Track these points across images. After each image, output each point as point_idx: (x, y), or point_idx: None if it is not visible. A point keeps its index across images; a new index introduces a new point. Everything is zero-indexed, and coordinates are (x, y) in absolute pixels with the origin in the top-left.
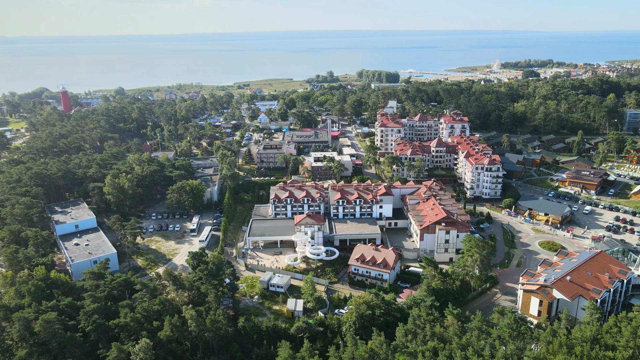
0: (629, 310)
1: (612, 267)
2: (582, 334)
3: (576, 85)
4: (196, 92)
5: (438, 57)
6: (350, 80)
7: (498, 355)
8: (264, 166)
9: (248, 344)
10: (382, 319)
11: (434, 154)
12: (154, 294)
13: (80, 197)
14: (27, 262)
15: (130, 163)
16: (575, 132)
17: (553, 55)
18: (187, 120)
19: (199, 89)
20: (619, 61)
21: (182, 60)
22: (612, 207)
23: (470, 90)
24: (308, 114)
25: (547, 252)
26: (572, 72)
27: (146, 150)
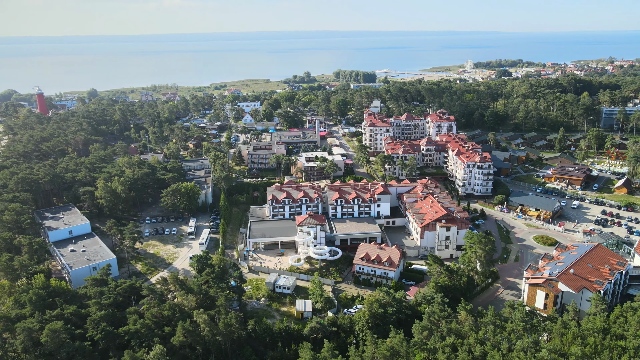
0: (628, 300)
1: (610, 259)
2: (593, 324)
3: (551, 84)
4: (173, 94)
5: (410, 58)
6: (327, 81)
7: (516, 349)
8: (255, 167)
9: (260, 347)
10: (394, 317)
11: (424, 153)
12: (162, 299)
13: (71, 202)
14: (23, 271)
15: (120, 166)
16: (554, 129)
17: (522, 56)
18: (171, 121)
19: (176, 90)
20: (585, 61)
21: (154, 61)
22: (598, 201)
23: (451, 89)
24: (294, 115)
25: (543, 247)
26: (542, 71)
27: (132, 152)
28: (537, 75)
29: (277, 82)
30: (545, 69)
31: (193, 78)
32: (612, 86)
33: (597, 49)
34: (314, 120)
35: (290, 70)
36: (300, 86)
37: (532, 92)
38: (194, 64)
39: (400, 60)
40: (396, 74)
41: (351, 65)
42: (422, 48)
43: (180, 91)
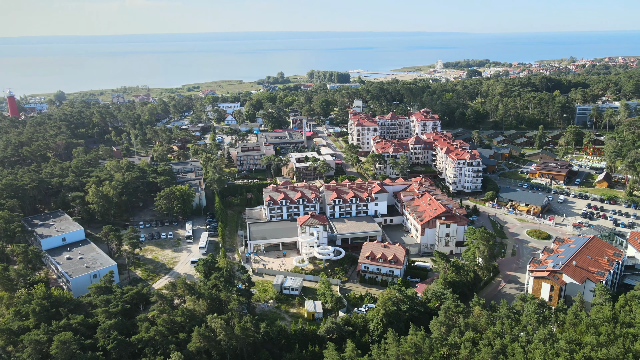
0: (624, 289)
1: (607, 250)
2: (603, 314)
3: (524, 82)
4: (146, 95)
5: (379, 58)
6: (301, 81)
7: (535, 341)
8: (245, 169)
9: (275, 349)
10: (407, 314)
11: (412, 151)
12: (173, 305)
13: (59, 208)
14: (21, 280)
15: (108, 170)
16: (531, 126)
17: (489, 56)
18: (151, 124)
19: (147, 92)
20: (548, 60)
21: (120, 62)
22: (582, 195)
23: (429, 89)
24: (278, 115)
25: (537, 240)
26: (509, 70)
27: (116, 156)
28: (506, 75)
29: (250, 83)
30: (512, 68)
31: (164, 79)
32: (580, 85)
33: (558, 50)
34: (298, 120)
35: (262, 71)
36: (276, 87)
37: (507, 91)
38: (162, 65)
39: (370, 61)
40: (369, 74)
41: (322, 65)
42: (390, 48)
43: (152, 93)
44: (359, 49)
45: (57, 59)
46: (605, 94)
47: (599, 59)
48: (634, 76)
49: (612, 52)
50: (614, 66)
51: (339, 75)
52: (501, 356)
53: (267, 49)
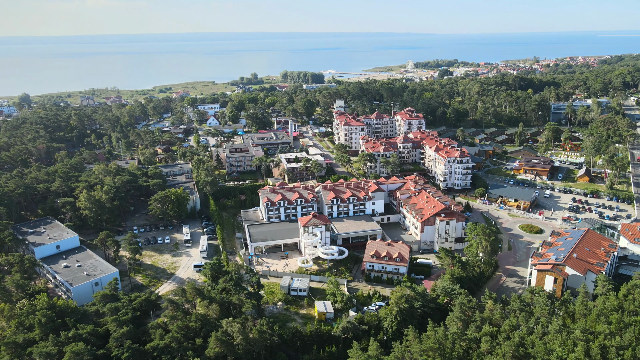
0: (621, 279)
1: (602, 242)
2: (610, 303)
3: (499, 82)
4: (117, 97)
5: (349, 58)
6: (275, 82)
7: (551, 332)
8: (234, 170)
9: (290, 351)
10: (419, 311)
11: (400, 150)
12: (185, 311)
13: (48, 214)
14: (20, 291)
15: (96, 174)
16: (510, 124)
17: (455, 56)
18: (132, 126)
19: (117, 93)
20: (513, 60)
21: (84, 63)
22: (566, 190)
23: (407, 88)
24: (262, 116)
25: (530, 235)
26: (479, 70)
27: (101, 159)
28: (475, 74)
29: (224, 84)
30: (480, 68)
31: (133, 81)
32: (550, 83)
33: (521, 50)
34: (282, 121)
35: (234, 71)
36: (250, 88)
37: (484, 90)
38: (129, 67)
39: (341, 61)
40: (341, 74)
41: (293, 66)
42: (359, 49)
43: (123, 95)
44: (328, 49)
45: (15, 61)
46: (575, 92)
47: (560, 59)
48: (600, 75)
49: (572, 52)
50: (576, 65)
51: (313, 76)
52: (521, 348)
53: (235, 49)
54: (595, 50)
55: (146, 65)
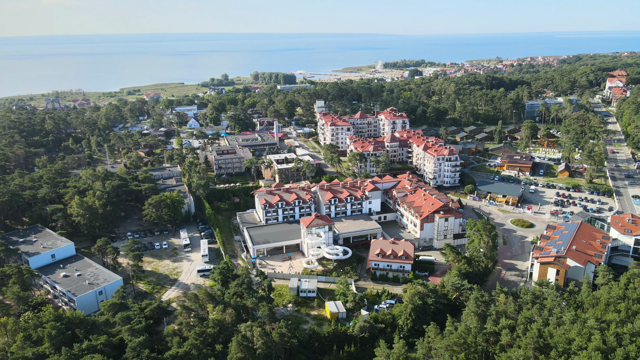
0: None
1: (596, 234)
2: (615, 292)
3: (472, 81)
4: (85, 100)
5: (317, 59)
6: (246, 83)
7: (566, 322)
8: (224, 172)
9: (307, 353)
10: (432, 308)
11: (388, 149)
12: (201, 317)
13: (36, 222)
14: (21, 303)
15: (84, 179)
16: (487, 122)
17: (420, 56)
18: (109, 129)
19: (82, 96)
20: (477, 60)
21: (42, 65)
22: (549, 185)
23: (384, 88)
24: (245, 117)
25: (522, 229)
26: (446, 70)
27: (83, 164)
28: (444, 74)
29: (194, 86)
30: (447, 68)
31: (98, 83)
32: (520, 82)
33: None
34: (265, 122)
35: (201, 73)
36: (223, 89)
37: (459, 90)
38: (91, 68)
39: (308, 62)
40: (312, 75)
41: (261, 67)
42: (325, 50)
43: (89, 97)
44: (294, 50)
45: None
46: (545, 90)
47: (522, 59)
48: (565, 74)
49: (531, 52)
50: (538, 65)
51: (285, 77)
52: (540, 340)
53: (199, 51)
54: (553, 51)
55: (108, 67)
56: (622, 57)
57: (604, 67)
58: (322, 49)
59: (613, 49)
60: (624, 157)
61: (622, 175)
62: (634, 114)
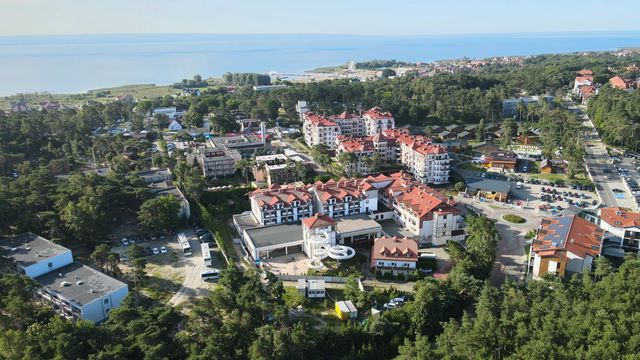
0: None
1: (589, 227)
2: (618, 283)
3: (449, 81)
4: (54, 103)
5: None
6: (219, 84)
7: (577, 312)
8: (214, 174)
9: (323, 353)
10: (443, 304)
11: (377, 148)
12: (217, 322)
13: (26, 230)
14: (26, 315)
15: (74, 184)
16: (467, 120)
17: (390, 56)
18: (88, 132)
19: (49, 98)
20: (446, 60)
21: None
22: (534, 181)
23: (364, 88)
24: (229, 119)
25: (515, 224)
26: (418, 70)
27: (66, 169)
28: (416, 74)
29: (166, 87)
30: (418, 68)
31: (63, 85)
32: (494, 82)
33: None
34: (249, 123)
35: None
36: (197, 91)
37: (437, 89)
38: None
39: (278, 62)
40: (285, 76)
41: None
42: (293, 50)
43: (57, 99)
44: (263, 51)
45: None
46: (518, 89)
47: (488, 59)
48: (535, 74)
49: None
50: (505, 64)
51: (259, 77)
52: (556, 331)
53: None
54: (517, 51)
55: (73, 68)
56: (584, 56)
57: (570, 67)
58: (292, 49)
59: (572, 49)
60: (599, 152)
61: (601, 170)
62: (607, 111)
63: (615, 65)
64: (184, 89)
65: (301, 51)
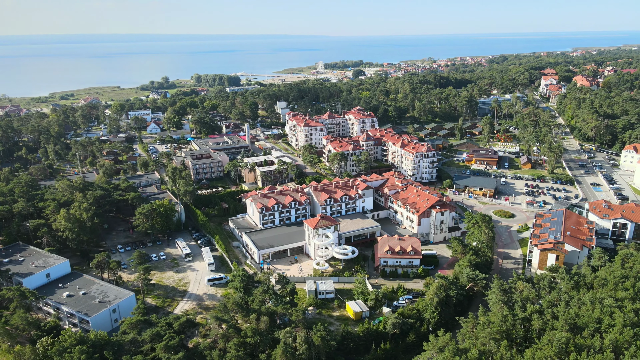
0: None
1: (580, 220)
2: (619, 272)
3: (422, 80)
4: (15, 106)
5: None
6: (188, 86)
7: (587, 302)
8: (202, 177)
9: (341, 354)
10: (454, 299)
11: (364, 148)
12: (236, 327)
13: (15, 240)
14: (33, 328)
15: (61, 191)
16: (444, 119)
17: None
18: (63, 136)
19: (8, 102)
20: (412, 61)
21: None
22: (517, 177)
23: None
24: (211, 121)
25: (505, 219)
26: (387, 70)
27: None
28: (385, 74)
29: (133, 89)
30: (386, 68)
31: (21, 88)
32: (466, 81)
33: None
34: (231, 125)
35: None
36: (167, 93)
37: (413, 89)
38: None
39: (245, 63)
40: (255, 77)
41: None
42: (257, 51)
43: (17, 103)
44: (225, 52)
45: None
46: (490, 88)
47: (452, 59)
48: (503, 73)
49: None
50: (469, 64)
51: (229, 79)
52: (571, 321)
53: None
54: (477, 51)
55: (27, 70)
56: (543, 57)
57: (535, 67)
58: (255, 50)
59: (529, 50)
60: (573, 148)
61: (577, 165)
62: (577, 109)
63: (575, 65)
64: (153, 90)
65: (265, 52)
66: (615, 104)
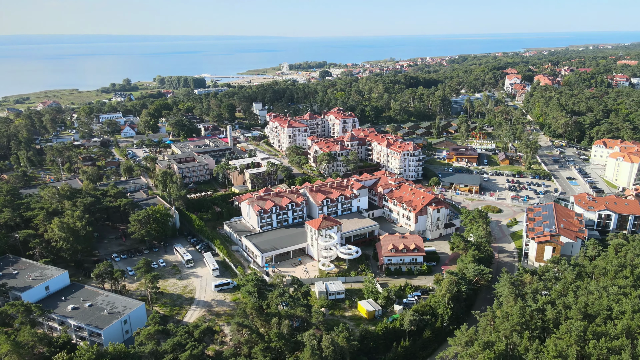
0: None
1: (568, 212)
2: (616, 261)
3: (393, 80)
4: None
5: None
6: (150, 88)
7: (594, 291)
8: (189, 181)
9: (362, 353)
10: (464, 294)
11: (349, 148)
12: (259, 332)
13: (4, 252)
14: (43, 344)
15: (47, 199)
16: (419, 118)
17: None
18: (32, 142)
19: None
20: (374, 61)
21: None
22: (497, 173)
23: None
24: (189, 123)
25: (494, 214)
26: (352, 70)
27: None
28: (351, 74)
29: (93, 92)
30: (350, 68)
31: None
32: (435, 81)
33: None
34: (210, 127)
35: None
36: (132, 95)
37: (386, 89)
38: None
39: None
40: (219, 78)
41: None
42: (215, 52)
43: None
44: (181, 53)
45: None
46: (460, 88)
47: (413, 59)
48: (468, 73)
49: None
50: (431, 64)
51: (194, 80)
52: (583, 309)
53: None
54: (436, 52)
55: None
56: (500, 57)
57: (496, 66)
58: (213, 52)
59: (485, 50)
60: (544, 144)
61: (551, 161)
62: (545, 107)
63: (534, 64)
64: (115, 93)
65: (224, 53)
66: (580, 102)
